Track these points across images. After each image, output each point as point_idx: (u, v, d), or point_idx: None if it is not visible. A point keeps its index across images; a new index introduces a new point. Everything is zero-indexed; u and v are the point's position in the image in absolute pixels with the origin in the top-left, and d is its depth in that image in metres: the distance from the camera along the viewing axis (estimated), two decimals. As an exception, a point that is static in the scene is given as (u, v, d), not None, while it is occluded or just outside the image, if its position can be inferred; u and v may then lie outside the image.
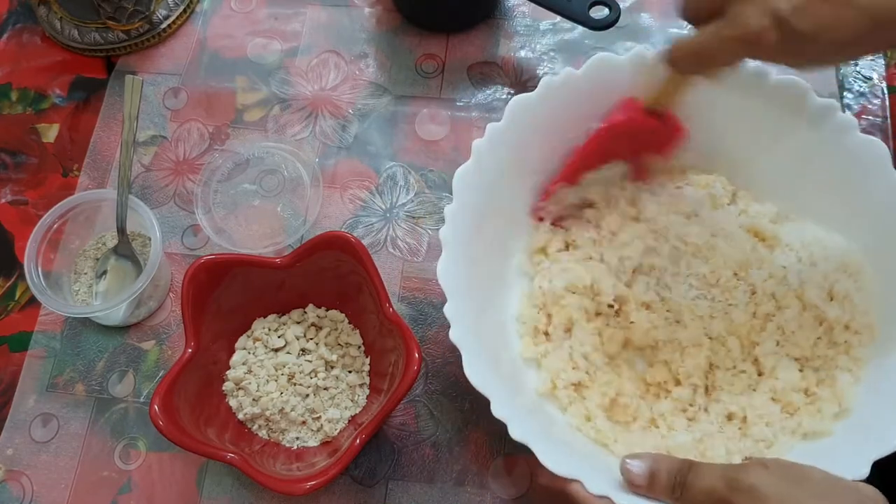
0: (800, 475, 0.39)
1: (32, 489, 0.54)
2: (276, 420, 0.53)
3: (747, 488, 0.38)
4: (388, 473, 0.53)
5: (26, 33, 0.71)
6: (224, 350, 0.54)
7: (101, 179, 0.64)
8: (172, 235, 0.61)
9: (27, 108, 0.67)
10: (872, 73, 0.65)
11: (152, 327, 0.59)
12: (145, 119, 0.66)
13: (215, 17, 0.71)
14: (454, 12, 0.68)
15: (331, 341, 0.55)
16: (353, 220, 0.61)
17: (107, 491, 0.54)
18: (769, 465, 0.39)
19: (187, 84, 0.67)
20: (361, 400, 0.54)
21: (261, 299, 0.55)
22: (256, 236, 0.61)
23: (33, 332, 0.59)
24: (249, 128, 0.65)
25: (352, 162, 0.64)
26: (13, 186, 0.64)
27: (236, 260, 0.52)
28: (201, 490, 0.53)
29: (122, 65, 0.69)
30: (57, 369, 0.57)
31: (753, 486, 0.38)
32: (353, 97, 0.66)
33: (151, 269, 0.54)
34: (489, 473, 0.53)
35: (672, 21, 0.69)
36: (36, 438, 0.55)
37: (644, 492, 0.42)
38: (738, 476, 0.39)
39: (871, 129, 0.63)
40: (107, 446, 0.55)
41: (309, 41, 0.69)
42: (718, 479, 0.39)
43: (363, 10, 0.70)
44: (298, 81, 0.67)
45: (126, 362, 0.57)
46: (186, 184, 0.63)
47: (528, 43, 0.68)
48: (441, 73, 0.67)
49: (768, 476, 0.38)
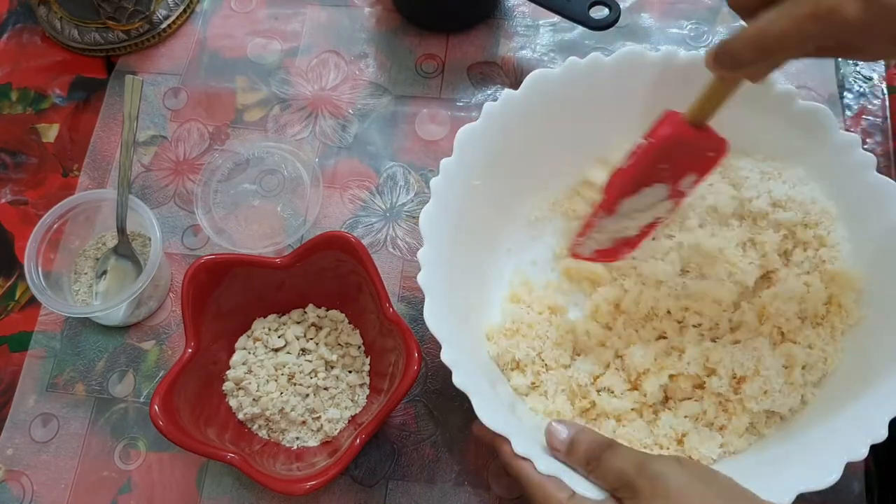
0: (709, 476, 0.40)
1: (32, 489, 0.54)
2: (276, 420, 0.53)
3: (654, 475, 0.38)
4: (388, 473, 0.53)
5: (26, 33, 0.71)
6: (224, 350, 0.54)
7: (101, 179, 0.64)
8: (172, 235, 0.61)
9: (27, 108, 0.67)
10: (872, 73, 0.65)
11: (152, 327, 0.59)
12: (145, 119, 0.66)
13: (215, 17, 0.71)
14: (454, 12, 0.68)
15: (331, 341, 0.55)
16: (353, 220, 0.61)
17: (107, 491, 0.54)
18: (683, 462, 0.40)
19: (187, 84, 0.67)
20: (361, 400, 0.54)
21: (261, 299, 0.55)
22: (256, 236, 0.61)
23: (33, 332, 0.59)
24: (249, 128, 0.65)
25: (352, 162, 0.64)
26: (13, 186, 0.64)
27: (236, 260, 0.52)
28: (201, 490, 0.53)
29: (122, 65, 0.69)
30: (57, 369, 0.57)
31: (660, 475, 0.38)
32: (353, 97, 0.66)
33: (151, 269, 0.54)
34: (489, 473, 0.53)
35: (672, 21, 0.69)
36: (36, 438, 0.55)
37: (562, 457, 0.43)
38: (649, 463, 0.39)
39: (871, 129, 0.63)
40: (107, 446, 0.55)
41: (309, 41, 0.69)
42: (631, 462, 0.40)
43: (363, 10, 0.70)
44: (298, 81, 0.67)
45: (126, 362, 0.57)
46: (186, 184, 0.63)
47: (528, 43, 0.68)
48: (441, 73, 0.67)
49: (678, 469, 0.39)
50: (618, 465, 0.40)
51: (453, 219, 0.49)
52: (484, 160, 0.51)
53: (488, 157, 0.51)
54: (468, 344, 0.49)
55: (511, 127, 0.52)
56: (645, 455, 0.40)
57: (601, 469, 0.41)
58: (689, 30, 0.68)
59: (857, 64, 0.66)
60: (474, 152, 0.50)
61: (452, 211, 0.49)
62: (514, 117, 0.52)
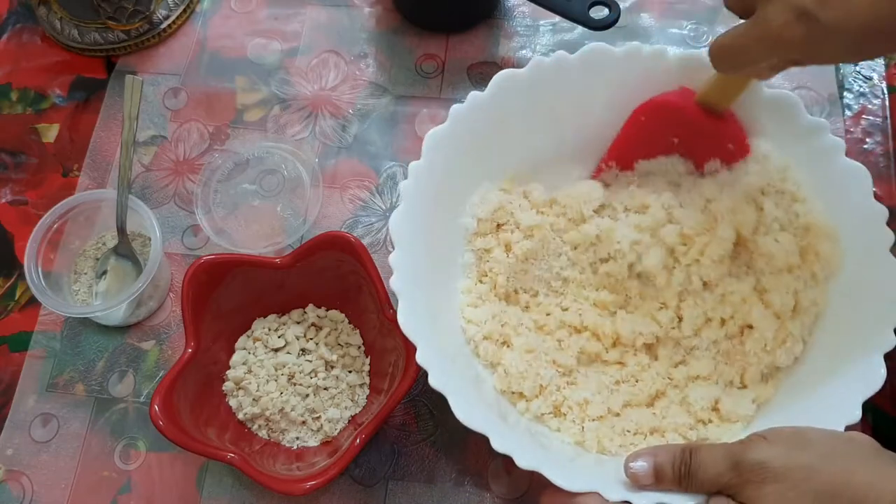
0: (802, 440, 0.39)
1: (32, 489, 0.54)
2: (276, 420, 0.53)
3: (754, 466, 0.38)
4: (388, 473, 0.53)
5: (26, 33, 0.71)
6: (224, 350, 0.54)
7: (101, 179, 0.64)
8: (172, 235, 0.61)
9: (27, 108, 0.67)
10: (872, 73, 0.65)
11: (152, 327, 0.59)
12: (145, 119, 0.66)
13: (215, 17, 0.71)
14: (454, 12, 0.68)
15: (331, 341, 0.55)
16: (352, 220, 0.61)
17: (107, 491, 0.54)
18: (768, 437, 0.39)
19: (187, 84, 0.67)
20: (361, 400, 0.54)
21: (261, 299, 0.55)
22: (256, 236, 0.61)
23: (33, 332, 0.59)
24: (249, 128, 0.65)
25: (352, 162, 0.64)
26: (13, 186, 0.64)
27: (236, 260, 0.53)
28: (201, 490, 0.53)
29: (122, 65, 0.69)
30: (57, 369, 0.57)
31: (760, 463, 0.38)
32: (353, 97, 0.66)
33: (151, 269, 0.54)
34: (489, 473, 0.53)
35: (672, 21, 0.69)
36: (36, 438, 0.55)
37: (654, 489, 0.42)
38: (743, 456, 0.38)
39: (871, 129, 0.63)
40: (107, 446, 0.55)
41: (309, 41, 0.69)
42: (722, 462, 0.39)
43: (363, 10, 0.70)
44: (298, 81, 0.67)
45: (126, 362, 0.57)
46: (186, 184, 0.63)
47: (528, 43, 0.68)
48: (441, 73, 0.67)
49: (771, 448, 0.38)
50: (711, 474, 0.39)
51: (424, 221, 0.49)
52: (452, 162, 0.51)
53: (457, 159, 0.51)
54: (447, 345, 0.49)
55: (478, 128, 0.52)
56: (729, 449, 0.40)
57: (696, 483, 0.40)
58: (689, 30, 0.68)
59: (858, 64, 0.66)
60: (443, 155, 0.50)
61: (422, 214, 0.49)
62: (481, 119, 0.52)
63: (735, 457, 0.39)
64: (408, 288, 0.45)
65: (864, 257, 0.48)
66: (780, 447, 0.38)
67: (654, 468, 0.42)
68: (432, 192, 0.50)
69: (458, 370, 0.48)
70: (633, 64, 0.52)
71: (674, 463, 0.41)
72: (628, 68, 0.52)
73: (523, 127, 0.53)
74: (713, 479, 0.39)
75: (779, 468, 0.37)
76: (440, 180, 0.50)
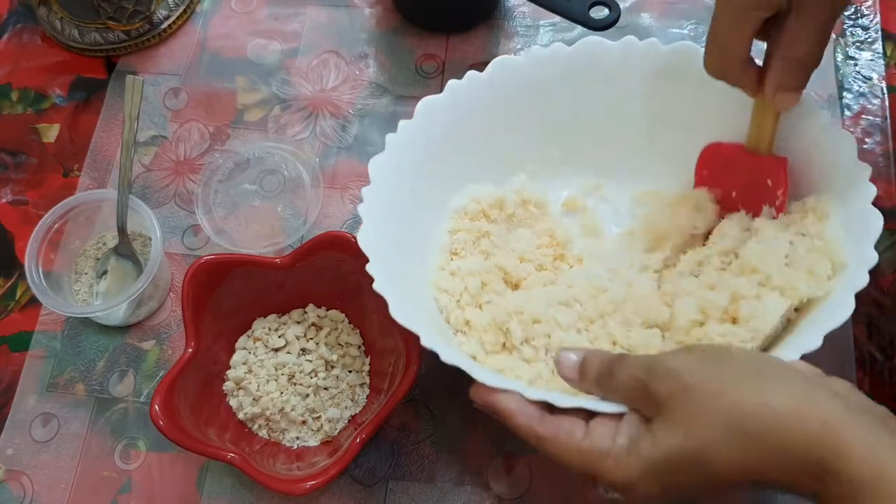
0: (723, 354, 0.37)
1: (32, 489, 0.54)
2: (276, 420, 0.53)
3: (664, 373, 0.36)
4: (388, 473, 0.53)
5: (26, 33, 0.71)
6: (224, 350, 0.54)
7: (101, 179, 0.64)
8: (173, 235, 0.62)
9: (27, 108, 0.67)
10: (872, 73, 0.65)
11: (152, 327, 0.59)
12: (146, 119, 0.66)
13: (215, 17, 0.71)
14: (454, 12, 0.68)
15: (331, 341, 0.55)
16: (353, 220, 0.61)
17: (107, 491, 0.54)
18: (694, 349, 0.38)
19: (187, 84, 0.67)
20: (362, 399, 0.54)
21: (261, 299, 0.55)
22: (256, 236, 0.61)
23: (34, 332, 0.59)
24: (250, 128, 0.65)
25: (352, 162, 0.64)
26: (13, 186, 0.64)
27: (236, 260, 0.53)
28: (201, 490, 0.53)
29: (122, 65, 0.69)
30: (57, 369, 0.57)
31: (669, 370, 0.36)
32: (353, 97, 0.66)
33: (152, 269, 0.54)
34: (489, 473, 0.53)
35: (672, 21, 0.69)
36: (36, 438, 0.55)
37: (575, 384, 0.41)
38: (659, 361, 0.37)
39: (871, 129, 0.63)
40: (107, 446, 0.55)
41: (309, 41, 0.69)
42: (640, 367, 0.38)
43: (363, 10, 0.70)
44: (298, 82, 0.67)
45: (126, 362, 0.57)
46: (187, 184, 0.63)
47: (528, 43, 0.68)
48: (441, 73, 0.67)
49: (688, 357, 0.37)
50: (628, 374, 0.38)
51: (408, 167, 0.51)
52: (443, 132, 0.53)
53: (446, 130, 0.53)
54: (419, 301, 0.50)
55: (474, 105, 0.53)
56: (654, 357, 0.38)
57: (613, 384, 0.38)
58: (689, 30, 0.68)
59: (857, 64, 0.66)
60: (435, 122, 0.52)
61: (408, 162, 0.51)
62: (477, 98, 0.53)
63: (651, 362, 0.37)
64: (374, 214, 0.47)
65: None
66: (696, 358, 0.36)
67: (581, 363, 0.41)
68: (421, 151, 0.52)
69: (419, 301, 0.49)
70: (628, 56, 0.53)
71: (601, 363, 0.40)
72: (623, 60, 0.53)
73: (515, 113, 0.55)
74: (627, 383, 0.38)
75: (689, 379, 0.35)
76: (428, 146, 0.52)
